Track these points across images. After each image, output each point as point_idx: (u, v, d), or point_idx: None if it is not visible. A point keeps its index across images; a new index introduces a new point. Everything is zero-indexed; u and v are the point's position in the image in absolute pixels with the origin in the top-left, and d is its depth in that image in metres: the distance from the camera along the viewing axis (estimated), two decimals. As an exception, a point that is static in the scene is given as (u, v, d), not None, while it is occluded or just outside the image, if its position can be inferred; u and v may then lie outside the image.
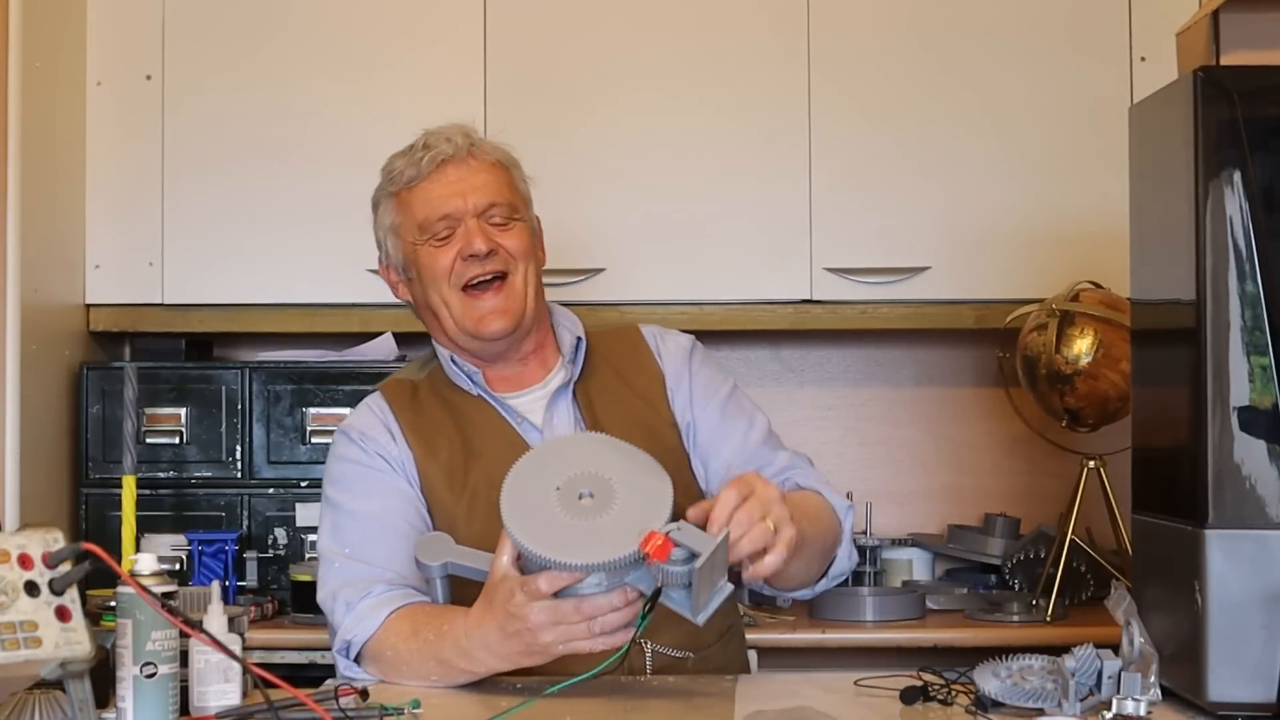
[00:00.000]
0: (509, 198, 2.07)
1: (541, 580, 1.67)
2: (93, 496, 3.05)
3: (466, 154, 2.05)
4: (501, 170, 2.08)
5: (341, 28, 3.14)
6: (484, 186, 2.05)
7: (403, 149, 2.10)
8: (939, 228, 3.09)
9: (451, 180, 2.04)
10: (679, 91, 3.11)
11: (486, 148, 2.09)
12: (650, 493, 1.70)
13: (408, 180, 2.06)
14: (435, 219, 2.04)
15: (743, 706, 1.75)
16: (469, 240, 2.02)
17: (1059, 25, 3.10)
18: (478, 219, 2.03)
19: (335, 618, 1.93)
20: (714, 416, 2.09)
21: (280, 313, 3.14)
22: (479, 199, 2.04)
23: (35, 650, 1.32)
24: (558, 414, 2.05)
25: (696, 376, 2.12)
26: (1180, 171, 1.66)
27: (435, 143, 2.06)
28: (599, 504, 1.69)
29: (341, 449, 2.06)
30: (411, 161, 2.06)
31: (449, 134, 2.07)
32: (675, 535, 1.61)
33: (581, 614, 1.68)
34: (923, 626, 2.87)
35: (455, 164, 2.05)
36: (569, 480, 1.71)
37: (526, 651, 1.74)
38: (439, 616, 1.84)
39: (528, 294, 2.05)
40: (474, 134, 2.10)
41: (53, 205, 3.00)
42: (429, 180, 2.05)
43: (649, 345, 2.14)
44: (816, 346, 3.39)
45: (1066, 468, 3.00)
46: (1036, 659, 1.68)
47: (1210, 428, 1.61)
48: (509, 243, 2.04)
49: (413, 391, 2.10)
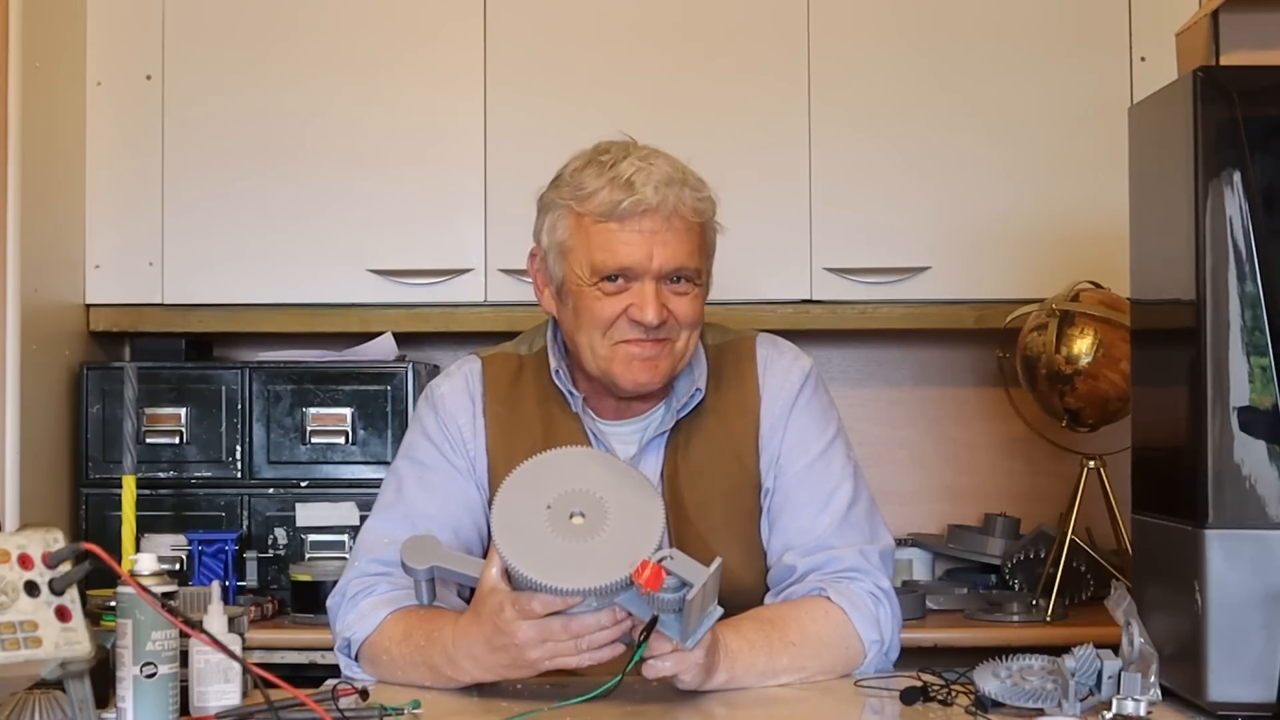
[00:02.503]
0: (699, 263, 1.91)
1: (535, 602, 1.65)
2: (93, 496, 3.05)
3: (672, 211, 1.88)
4: (700, 230, 1.92)
5: (342, 28, 3.14)
6: (677, 249, 1.88)
7: (594, 157, 1.92)
8: (939, 228, 3.09)
9: (646, 232, 1.87)
10: (679, 92, 3.10)
11: (694, 202, 1.90)
12: (642, 514, 1.68)
13: (598, 211, 1.88)
14: (614, 268, 1.88)
15: (743, 707, 1.75)
16: (642, 307, 1.87)
17: (1059, 26, 3.10)
18: (657, 282, 1.89)
19: (339, 612, 1.93)
20: (792, 483, 1.96)
21: (280, 313, 3.14)
22: (667, 260, 1.88)
23: (35, 650, 1.32)
24: (645, 461, 1.97)
25: (791, 430, 1.99)
26: (1180, 171, 1.66)
27: (643, 184, 1.87)
28: (590, 525, 1.67)
29: (425, 418, 2.01)
30: (608, 191, 1.88)
31: (659, 178, 1.88)
32: (668, 564, 1.60)
33: (569, 632, 1.67)
34: (923, 626, 2.86)
35: (655, 218, 1.87)
36: (560, 498, 1.69)
37: (512, 665, 1.73)
38: (430, 621, 1.83)
39: (682, 359, 1.94)
40: (683, 178, 1.91)
41: (53, 205, 3.00)
42: (621, 224, 1.87)
43: (757, 373, 2.02)
44: (816, 347, 3.36)
45: (1066, 468, 3.00)
46: (1036, 659, 1.68)
47: (1210, 428, 1.61)
48: (681, 310, 1.90)
49: (515, 373, 2.01)
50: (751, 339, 2.07)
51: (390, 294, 3.12)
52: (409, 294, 3.11)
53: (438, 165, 3.11)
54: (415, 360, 3.11)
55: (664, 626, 1.66)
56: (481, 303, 3.10)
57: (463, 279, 3.10)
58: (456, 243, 3.10)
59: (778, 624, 1.87)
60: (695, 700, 1.78)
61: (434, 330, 3.17)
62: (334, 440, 3.03)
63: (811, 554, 1.95)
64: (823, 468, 1.99)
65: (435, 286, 3.10)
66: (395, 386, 3.03)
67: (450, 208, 3.11)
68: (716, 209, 1.97)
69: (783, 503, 1.98)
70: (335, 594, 1.96)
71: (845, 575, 1.94)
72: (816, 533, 1.95)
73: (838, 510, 1.97)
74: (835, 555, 1.94)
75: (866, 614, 1.91)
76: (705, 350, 2.03)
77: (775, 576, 1.98)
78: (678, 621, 1.64)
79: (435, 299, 3.11)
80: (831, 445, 2.01)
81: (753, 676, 1.81)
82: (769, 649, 1.83)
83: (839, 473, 2.00)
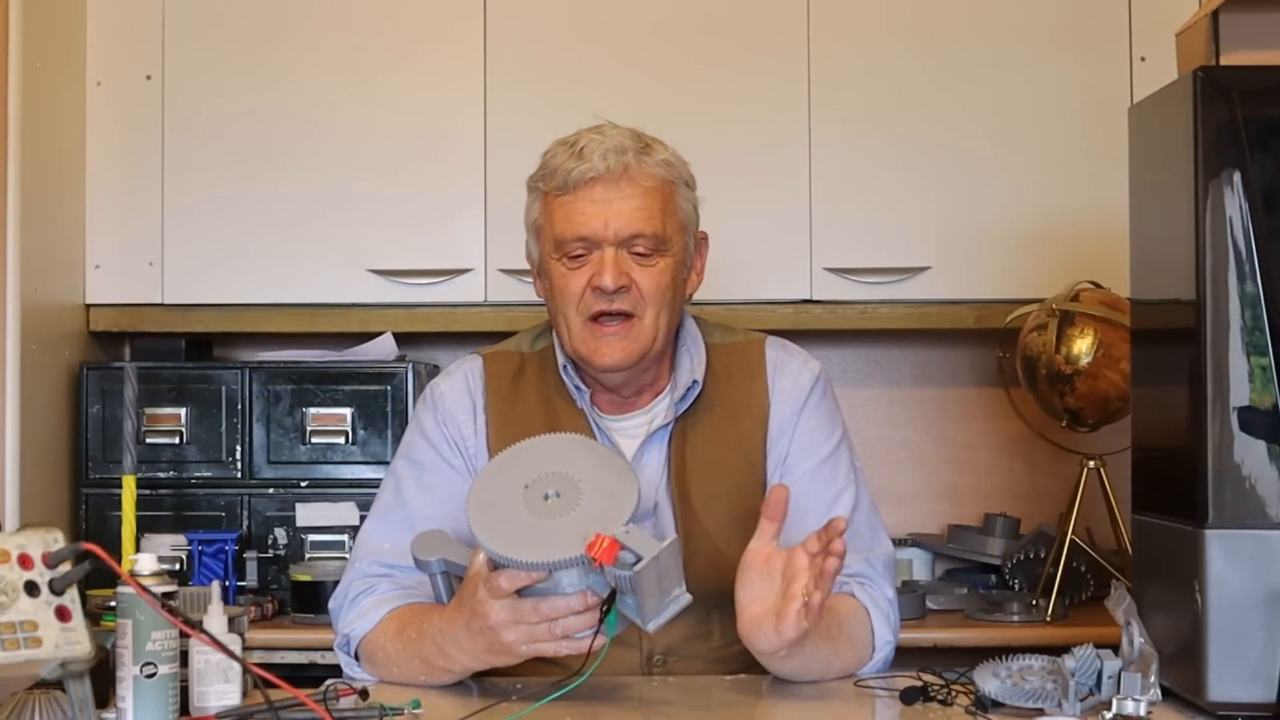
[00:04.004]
0: (658, 228, 1.91)
1: (501, 577, 1.66)
2: (93, 496, 3.04)
3: (621, 175, 1.89)
4: (659, 195, 1.91)
5: (342, 27, 3.14)
6: (633, 213, 1.89)
7: (568, 136, 1.94)
8: (939, 228, 3.09)
9: (598, 200, 1.89)
10: (679, 93, 3.10)
11: (648, 166, 1.91)
12: (615, 495, 1.68)
13: (556, 186, 1.91)
14: (571, 238, 1.90)
15: (742, 707, 1.75)
16: (600, 273, 1.89)
17: (1059, 25, 3.10)
18: (617, 248, 1.89)
19: (341, 612, 1.93)
20: (799, 486, 1.93)
21: (280, 313, 3.14)
22: (622, 227, 1.89)
23: (35, 650, 1.32)
24: (648, 454, 1.97)
25: (800, 430, 1.99)
26: (1180, 171, 1.66)
27: (591, 152, 1.89)
28: (563, 504, 1.68)
29: (424, 418, 2.01)
30: (563, 164, 1.90)
31: (608, 146, 1.90)
32: (623, 538, 1.60)
33: (540, 614, 1.67)
34: (923, 626, 2.86)
35: (605, 184, 1.89)
36: (538, 479, 1.70)
37: (491, 650, 1.73)
38: (423, 615, 1.84)
39: (656, 337, 1.93)
40: (641, 145, 1.92)
41: (53, 205, 3.00)
42: (574, 195, 1.90)
43: (766, 375, 2.02)
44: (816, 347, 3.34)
45: (1066, 468, 3.00)
46: (1036, 659, 1.68)
47: (1210, 428, 1.61)
48: (644, 282, 1.91)
49: (517, 371, 2.02)
50: (761, 340, 2.07)
51: (390, 294, 3.12)
52: (409, 294, 3.11)
53: (438, 166, 3.11)
54: (415, 360, 3.11)
55: (624, 608, 1.65)
56: (481, 303, 3.11)
57: (463, 279, 3.10)
58: (456, 243, 3.10)
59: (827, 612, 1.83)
60: (695, 700, 1.78)
61: (434, 330, 3.17)
62: (334, 440, 3.03)
63: None
64: (828, 471, 2.00)
65: (435, 286, 3.10)
66: (395, 386, 3.03)
67: (450, 208, 3.11)
68: (688, 178, 1.97)
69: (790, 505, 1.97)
70: (337, 595, 1.96)
71: (853, 580, 1.94)
72: None
73: (843, 514, 1.96)
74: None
75: (884, 614, 1.92)
76: (707, 347, 2.03)
77: None
78: (635, 601, 1.63)
79: (435, 299, 3.11)
80: (837, 450, 2.02)
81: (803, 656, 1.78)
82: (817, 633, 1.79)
83: (844, 478, 2.00)
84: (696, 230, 2.01)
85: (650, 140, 1.96)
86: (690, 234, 1.99)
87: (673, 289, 1.95)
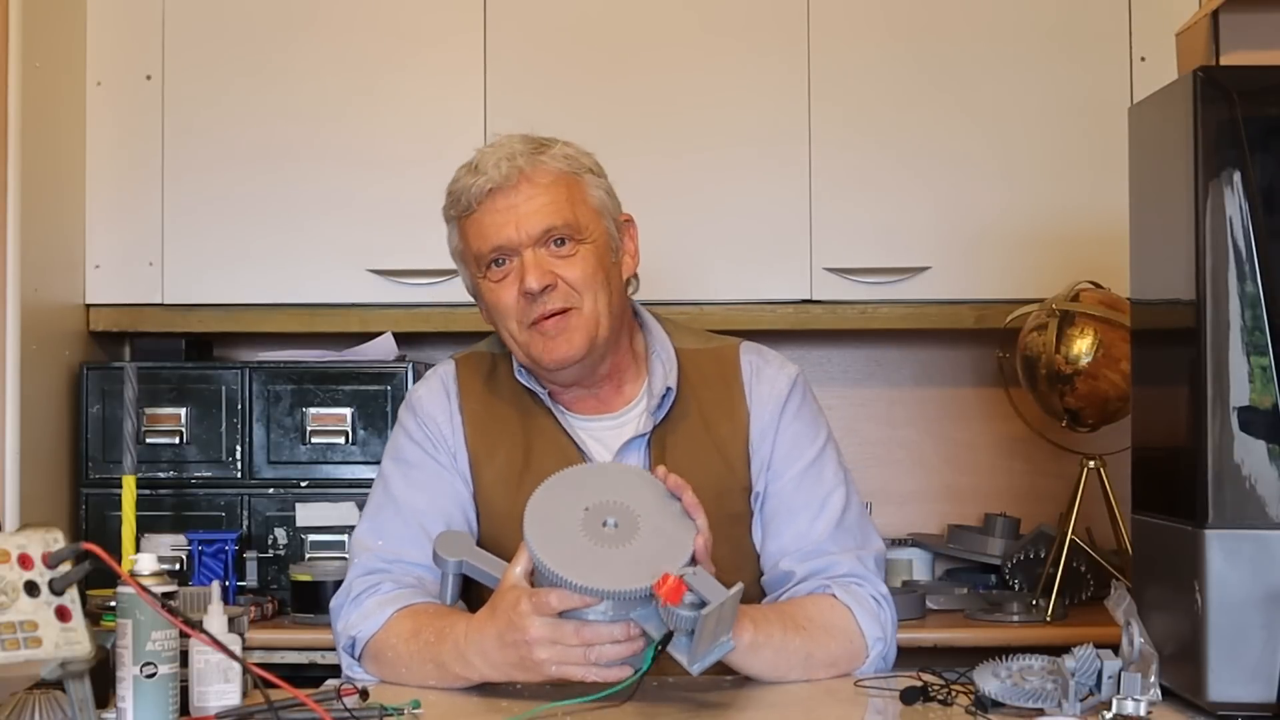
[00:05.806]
0: (569, 217, 1.92)
1: (552, 596, 1.65)
2: (93, 496, 3.05)
3: (518, 178, 1.91)
4: (563, 186, 1.93)
5: (342, 28, 3.14)
6: (539, 211, 1.90)
7: (467, 162, 1.97)
8: (939, 228, 3.09)
9: (501, 209, 1.91)
10: (679, 93, 3.10)
11: (545, 163, 1.93)
12: (673, 538, 1.68)
13: (463, 209, 1.94)
14: (488, 251, 1.92)
15: (743, 707, 1.75)
16: (524, 276, 1.90)
17: (1058, 25, 3.10)
18: (535, 249, 1.91)
19: (343, 611, 1.93)
20: (787, 488, 1.97)
21: (280, 313, 3.14)
22: (532, 226, 1.90)
23: (35, 650, 1.32)
24: (626, 462, 1.96)
25: (782, 435, 1.99)
26: (1180, 171, 1.66)
27: (485, 166, 1.92)
28: (621, 534, 1.68)
29: (405, 421, 2.03)
30: (465, 186, 1.93)
31: (500, 155, 1.92)
32: (690, 580, 1.60)
33: (581, 638, 1.66)
34: (923, 626, 2.86)
35: (505, 191, 1.91)
36: (597, 505, 1.70)
37: (520, 664, 1.72)
38: (441, 618, 1.83)
39: (599, 322, 1.93)
40: (533, 146, 1.94)
41: (53, 205, 3.00)
42: (480, 210, 1.92)
43: (743, 381, 2.02)
44: (816, 346, 3.39)
45: (1066, 468, 3.00)
46: (1036, 659, 1.68)
47: (1210, 428, 1.61)
48: (569, 273, 1.91)
49: (490, 370, 2.03)
50: (735, 346, 2.07)
51: (390, 294, 3.12)
52: (409, 294, 3.11)
53: (438, 166, 3.06)
54: (415, 360, 3.11)
55: (676, 648, 1.65)
56: (481, 303, 3.10)
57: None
58: (456, 243, 3.10)
59: (788, 610, 1.89)
60: (695, 700, 1.78)
61: (434, 330, 3.16)
62: (334, 440, 3.03)
63: (809, 559, 1.95)
64: (816, 474, 2.00)
65: (435, 286, 3.10)
66: (395, 386, 3.03)
67: (450, 208, 3.10)
68: (591, 165, 1.98)
69: (776, 508, 1.98)
70: (339, 595, 1.96)
71: (845, 579, 1.94)
72: (813, 538, 1.96)
73: (832, 516, 1.97)
74: (833, 560, 1.95)
75: (870, 612, 1.91)
76: (677, 352, 2.03)
77: (772, 581, 1.98)
78: (689, 642, 1.63)
79: (435, 299, 3.11)
80: (823, 452, 2.02)
81: (771, 649, 1.81)
82: (783, 626, 1.84)
83: (831, 479, 2.01)
84: (618, 214, 2.01)
85: (544, 140, 1.97)
86: (609, 218, 1.99)
87: (603, 272, 1.94)
